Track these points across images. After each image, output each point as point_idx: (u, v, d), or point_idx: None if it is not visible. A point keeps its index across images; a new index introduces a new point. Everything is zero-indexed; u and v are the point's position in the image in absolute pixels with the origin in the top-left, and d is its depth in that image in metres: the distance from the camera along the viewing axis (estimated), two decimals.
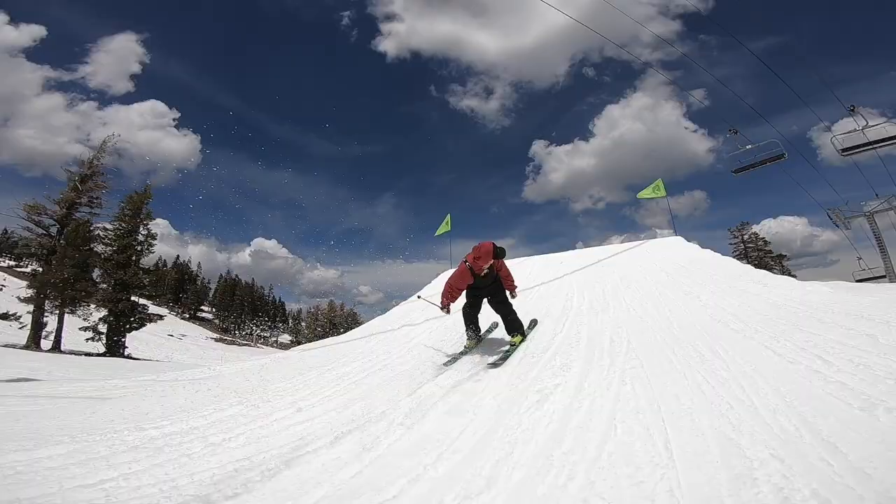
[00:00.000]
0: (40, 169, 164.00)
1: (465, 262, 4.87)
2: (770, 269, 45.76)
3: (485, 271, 4.74)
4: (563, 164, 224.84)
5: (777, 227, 41.63)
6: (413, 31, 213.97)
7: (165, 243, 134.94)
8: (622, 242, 17.72)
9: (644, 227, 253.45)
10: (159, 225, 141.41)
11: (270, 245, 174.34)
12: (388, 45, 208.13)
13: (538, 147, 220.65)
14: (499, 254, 4.73)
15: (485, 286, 4.96)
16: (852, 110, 16.56)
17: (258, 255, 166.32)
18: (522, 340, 5.01)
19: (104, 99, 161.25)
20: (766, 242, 44.52)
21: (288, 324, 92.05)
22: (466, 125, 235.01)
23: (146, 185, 31.54)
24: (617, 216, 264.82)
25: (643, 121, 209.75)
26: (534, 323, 5.85)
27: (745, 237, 44.75)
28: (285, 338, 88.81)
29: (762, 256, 44.75)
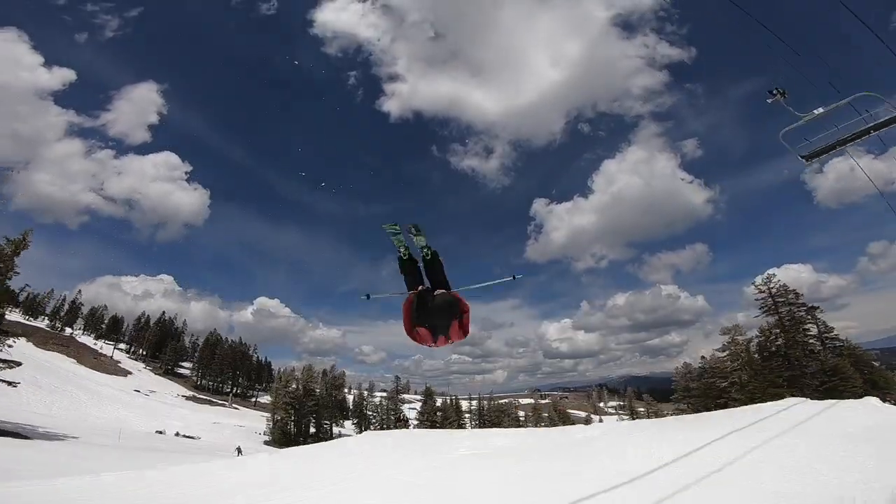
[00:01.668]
0: (53, 216, 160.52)
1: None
2: (802, 323, 40.80)
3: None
4: (563, 223, 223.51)
5: (782, 276, 39.78)
6: (415, 92, 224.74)
7: (169, 299, 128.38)
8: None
9: (648, 283, 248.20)
10: (164, 281, 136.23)
11: (273, 304, 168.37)
12: (392, 105, 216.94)
13: (539, 205, 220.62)
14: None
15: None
16: None
17: (260, 314, 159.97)
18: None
19: (121, 148, 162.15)
20: (797, 295, 40.17)
21: (273, 384, 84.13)
22: (468, 185, 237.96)
23: (25, 232, 24.71)
24: (619, 273, 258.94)
25: (640, 174, 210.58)
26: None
27: (773, 290, 40.50)
28: (266, 399, 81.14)
29: (794, 311, 40.28)
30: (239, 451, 39.36)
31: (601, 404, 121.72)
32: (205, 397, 74.29)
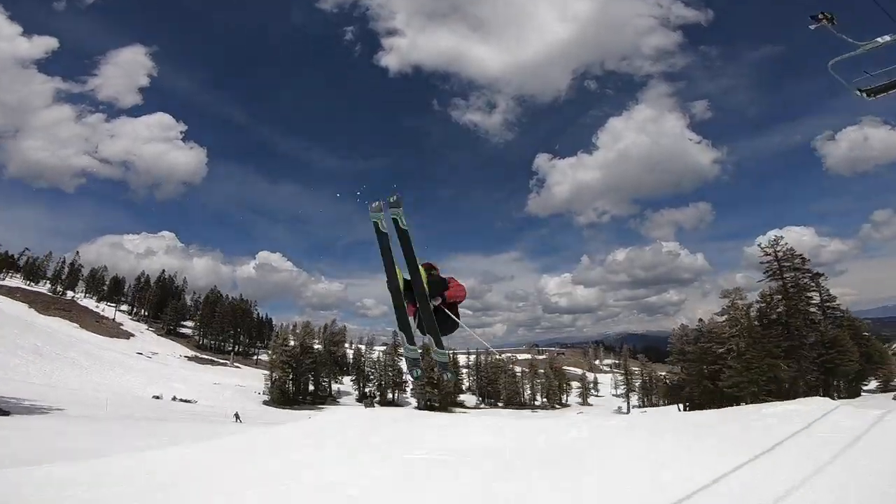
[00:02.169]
0: (47, 181, 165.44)
1: None
2: (806, 290, 38.77)
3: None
4: (567, 178, 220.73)
5: (784, 237, 39.32)
6: (414, 46, 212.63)
7: (171, 256, 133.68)
8: None
9: (649, 239, 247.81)
10: (165, 237, 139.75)
11: (275, 258, 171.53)
12: (391, 59, 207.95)
13: (542, 160, 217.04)
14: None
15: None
16: None
17: (263, 268, 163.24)
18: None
19: (112, 111, 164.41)
20: (803, 260, 37.73)
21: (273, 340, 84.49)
22: (469, 139, 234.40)
23: None
24: (622, 229, 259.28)
25: (647, 133, 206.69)
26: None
27: (780, 253, 37.96)
28: (267, 356, 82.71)
29: (798, 277, 37.96)
30: (237, 417, 39.24)
31: (597, 362, 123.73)
32: (207, 357, 76.00)
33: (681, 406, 52.02)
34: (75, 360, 55.58)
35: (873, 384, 41.10)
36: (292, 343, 69.09)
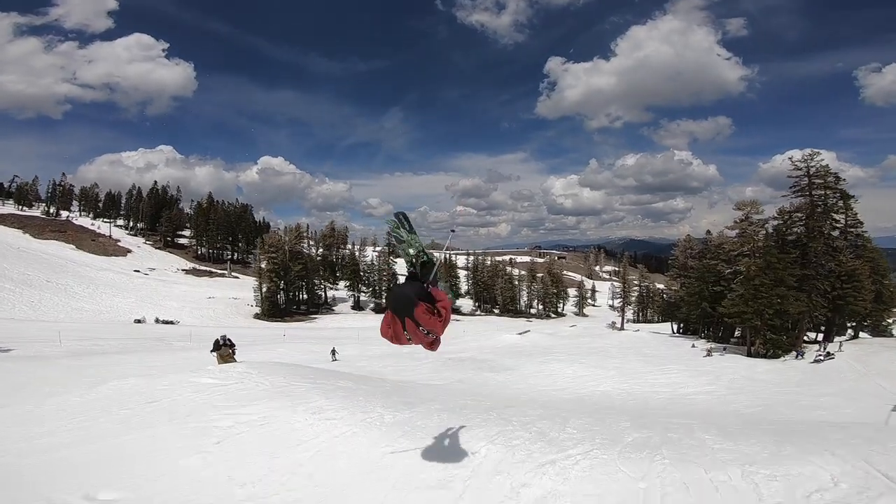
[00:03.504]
0: (33, 111, 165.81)
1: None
2: (834, 212, 31.62)
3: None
4: (580, 82, 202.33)
5: (803, 158, 33.63)
6: None
7: (172, 167, 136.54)
8: None
9: (662, 147, 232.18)
10: (164, 151, 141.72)
11: (277, 162, 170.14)
12: None
13: (554, 64, 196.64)
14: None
15: None
16: None
17: (266, 173, 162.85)
18: None
19: (84, 38, 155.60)
20: (837, 178, 29.74)
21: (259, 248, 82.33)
22: (476, 40, 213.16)
23: None
24: (634, 135, 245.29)
25: (671, 44, 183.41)
26: None
27: (812, 169, 29.75)
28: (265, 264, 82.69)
29: (827, 196, 30.24)
30: (223, 342, 38.30)
31: (597, 268, 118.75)
32: (204, 269, 76.94)
33: (674, 327, 48.58)
34: (67, 287, 56.11)
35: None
36: (287, 247, 66.87)
